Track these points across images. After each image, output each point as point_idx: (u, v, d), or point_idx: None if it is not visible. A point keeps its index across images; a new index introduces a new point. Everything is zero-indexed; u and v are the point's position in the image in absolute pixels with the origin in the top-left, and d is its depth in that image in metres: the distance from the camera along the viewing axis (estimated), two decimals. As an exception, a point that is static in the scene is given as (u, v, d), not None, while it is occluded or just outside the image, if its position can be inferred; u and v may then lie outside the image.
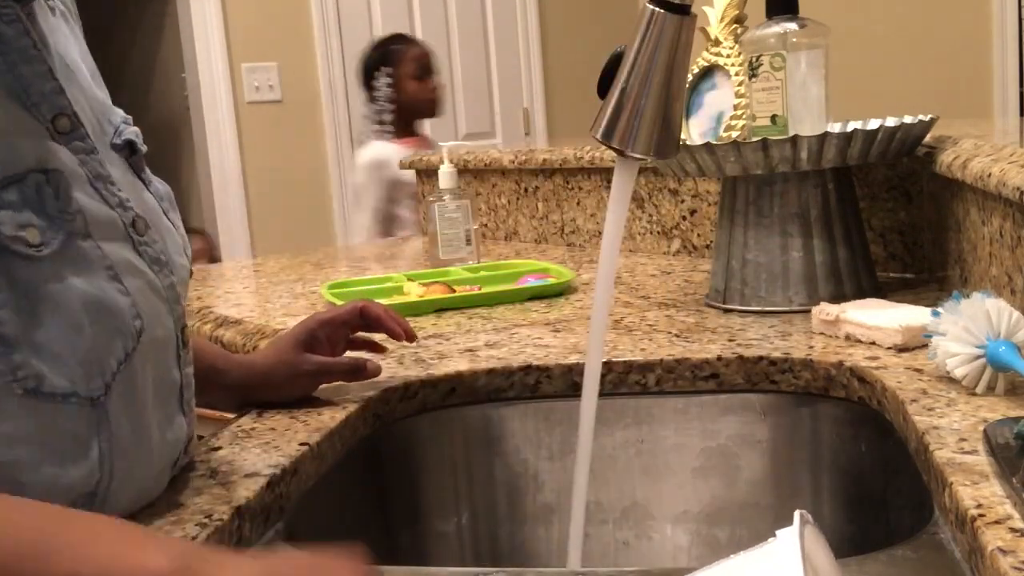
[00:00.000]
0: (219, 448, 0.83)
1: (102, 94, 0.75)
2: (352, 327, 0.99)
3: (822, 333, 1.05)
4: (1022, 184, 0.86)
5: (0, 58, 0.64)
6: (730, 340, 1.07)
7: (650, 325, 1.18)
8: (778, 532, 0.47)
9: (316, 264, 1.98)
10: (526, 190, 2.05)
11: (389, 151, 2.76)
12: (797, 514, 0.48)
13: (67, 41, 0.73)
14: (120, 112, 0.76)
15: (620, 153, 0.74)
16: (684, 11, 0.71)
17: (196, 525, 0.67)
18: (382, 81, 2.87)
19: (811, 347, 1.01)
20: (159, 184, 0.78)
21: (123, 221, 0.69)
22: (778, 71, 1.18)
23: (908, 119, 1.18)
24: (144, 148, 0.76)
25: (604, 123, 0.73)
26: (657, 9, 0.71)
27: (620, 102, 0.72)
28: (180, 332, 0.74)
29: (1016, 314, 0.79)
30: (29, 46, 0.65)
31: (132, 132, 0.75)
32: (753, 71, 1.20)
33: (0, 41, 0.64)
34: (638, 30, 0.72)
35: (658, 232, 1.74)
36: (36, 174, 0.63)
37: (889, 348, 0.97)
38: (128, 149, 0.74)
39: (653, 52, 0.71)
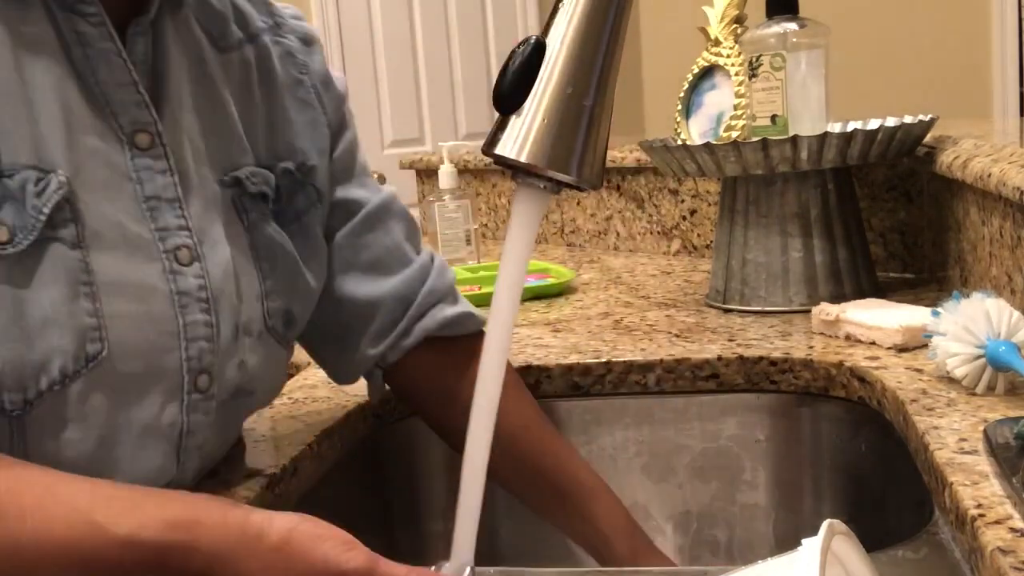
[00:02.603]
0: (219, 448, 0.83)
1: (243, 145, 0.76)
2: None
3: (822, 333, 1.05)
4: (1022, 184, 0.86)
5: (81, 51, 0.64)
6: (730, 340, 1.07)
7: (650, 325, 1.18)
8: (804, 541, 0.46)
9: (316, 264, 1.98)
10: (526, 190, 2.05)
11: None
12: (825, 524, 0.46)
13: (223, 78, 0.75)
14: (257, 169, 0.76)
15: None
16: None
17: (196, 525, 0.67)
18: None
19: (811, 347, 1.01)
20: (273, 235, 0.76)
21: (160, 245, 0.67)
22: (778, 71, 1.18)
23: (908, 119, 1.18)
24: (261, 190, 0.75)
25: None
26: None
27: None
28: (195, 375, 0.68)
29: (1016, 314, 0.79)
30: (112, 51, 0.66)
31: (246, 173, 0.75)
32: (753, 71, 1.20)
33: (82, 41, 0.65)
34: None
35: (658, 232, 1.74)
36: (29, 171, 0.61)
37: (889, 348, 0.97)
38: (234, 186, 0.74)
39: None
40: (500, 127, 0.56)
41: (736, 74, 1.26)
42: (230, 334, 0.71)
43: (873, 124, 1.23)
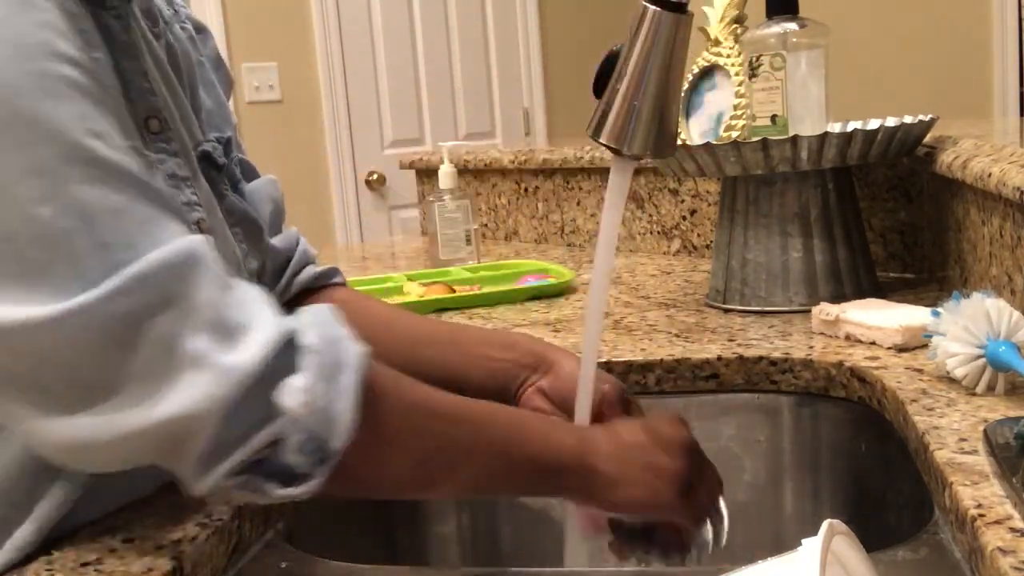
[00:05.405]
0: (219, 448, 0.83)
1: (196, 121, 0.80)
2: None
3: (822, 333, 1.05)
4: (1022, 184, 0.86)
5: (106, 50, 0.64)
6: (730, 340, 1.07)
7: (650, 325, 1.18)
8: (804, 541, 0.46)
9: (316, 264, 1.98)
10: (526, 190, 2.05)
11: None
12: (825, 524, 0.46)
13: (165, 48, 0.78)
14: (216, 143, 0.82)
15: (617, 152, 0.74)
16: (681, 9, 0.71)
17: (196, 525, 0.67)
18: None
19: (811, 347, 1.01)
20: (236, 202, 0.83)
21: (187, 218, 0.72)
22: (778, 71, 1.18)
23: (908, 119, 1.18)
24: (223, 161, 0.81)
25: (601, 123, 0.73)
26: (654, 7, 0.71)
27: (617, 101, 0.72)
28: None
29: (1016, 314, 0.79)
30: (129, 43, 0.68)
31: (211, 145, 0.80)
32: (753, 71, 1.20)
33: (108, 34, 0.65)
34: (634, 29, 0.72)
35: (658, 232, 1.74)
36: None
37: (889, 348, 0.97)
38: (204, 161, 0.79)
39: (650, 50, 0.71)
40: (596, 113, 0.73)
41: (736, 74, 1.26)
42: None
43: (873, 124, 1.23)
